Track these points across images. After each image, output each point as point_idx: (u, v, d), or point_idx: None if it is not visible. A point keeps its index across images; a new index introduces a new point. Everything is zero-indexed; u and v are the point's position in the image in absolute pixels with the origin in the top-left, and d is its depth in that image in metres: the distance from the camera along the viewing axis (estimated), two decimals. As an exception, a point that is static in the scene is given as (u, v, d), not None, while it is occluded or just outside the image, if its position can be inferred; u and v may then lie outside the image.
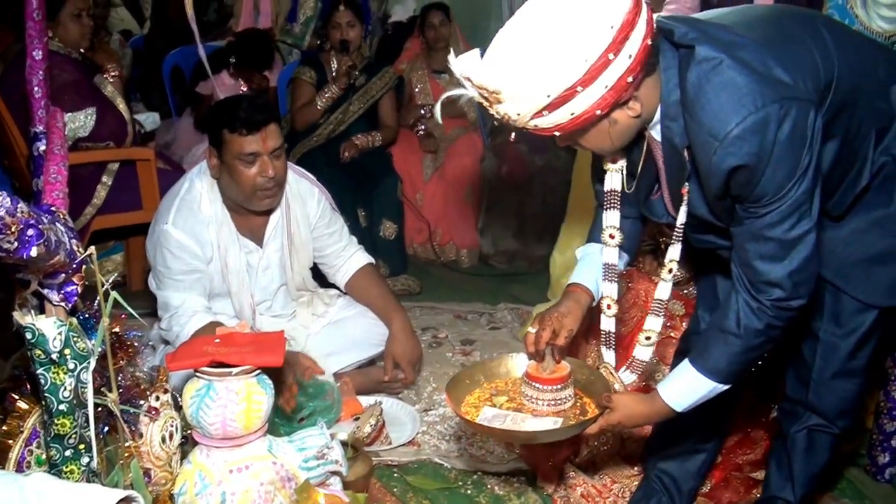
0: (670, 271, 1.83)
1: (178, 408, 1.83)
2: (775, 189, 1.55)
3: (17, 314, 1.56)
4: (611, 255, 1.92)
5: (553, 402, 1.91)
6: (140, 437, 1.80)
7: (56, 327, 1.56)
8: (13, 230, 1.38)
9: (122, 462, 1.75)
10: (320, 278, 3.08)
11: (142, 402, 1.85)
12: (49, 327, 1.55)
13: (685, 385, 1.78)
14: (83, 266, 1.65)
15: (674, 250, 1.80)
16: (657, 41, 1.58)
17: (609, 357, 1.95)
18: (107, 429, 1.82)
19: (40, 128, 2.49)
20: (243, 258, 2.76)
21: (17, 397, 1.75)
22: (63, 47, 3.53)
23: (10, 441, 1.71)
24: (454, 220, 4.58)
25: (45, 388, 1.57)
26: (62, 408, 1.59)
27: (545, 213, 4.47)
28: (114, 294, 1.65)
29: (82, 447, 1.64)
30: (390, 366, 2.90)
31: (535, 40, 1.49)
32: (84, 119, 3.49)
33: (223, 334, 1.82)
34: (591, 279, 1.99)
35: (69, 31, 3.56)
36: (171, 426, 1.85)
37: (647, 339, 1.90)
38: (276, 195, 2.70)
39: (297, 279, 2.94)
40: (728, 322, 1.69)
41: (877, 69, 1.72)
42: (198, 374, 1.70)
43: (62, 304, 1.64)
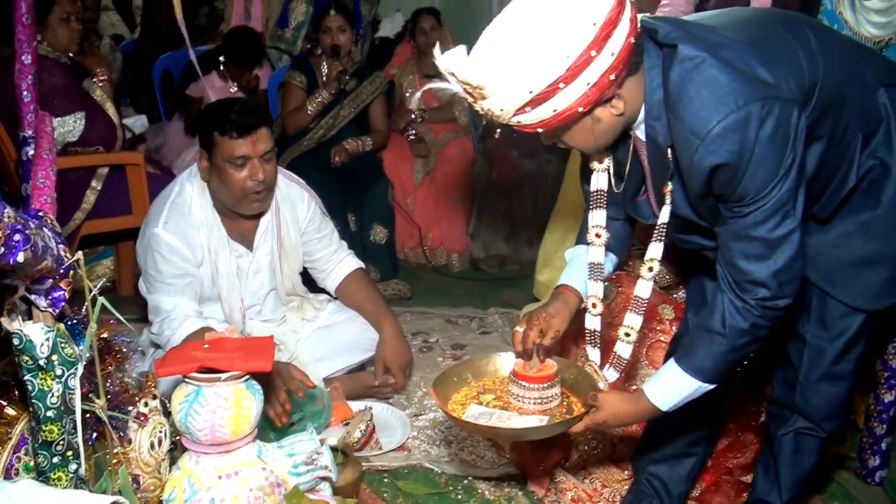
0: (650, 269, 1.83)
1: (166, 413, 1.82)
2: (757, 188, 1.56)
3: (4, 320, 1.55)
4: (597, 255, 1.93)
5: (539, 401, 1.91)
6: (129, 443, 1.79)
7: (44, 333, 1.55)
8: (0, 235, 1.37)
9: (110, 468, 1.75)
10: (310, 283, 3.08)
11: (130, 407, 1.84)
12: (36, 333, 1.55)
13: (670, 384, 1.79)
14: (71, 271, 1.65)
15: (654, 249, 1.81)
16: (641, 40, 1.59)
17: (594, 356, 1.96)
18: (95, 435, 1.82)
19: (29, 132, 2.49)
20: (233, 262, 2.76)
21: (4, 403, 1.75)
22: (52, 51, 3.52)
23: (-2, 447, 1.71)
24: (445, 225, 4.58)
25: (32, 395, 1.57)
26: (50, 414, 1.58)
27: (536, 217, 4.47)
28: (101, 299, 1.64)
29: (70, 454, 1.63)
30: (381, 371, 2.89)
31: (518, 36, 1.50)
32: (73, 124, 3.48)
33: (212, 340, 1.82)
34: (579, 281, 1.99)
35: (57, 36, 3.55)
36: (160, 432, 1.85)
37: (627, 335, 1.90)
38: (266, 199, 2.70)
39: (287, 283, 2.93)
40: (713, 321, 1.70)
41: (864, 72, 1.73)
42: (187, 379, 1.69)
43: (50, 309, 1.64)
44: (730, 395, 2.19)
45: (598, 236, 1.91)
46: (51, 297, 1.64)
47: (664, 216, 1.76)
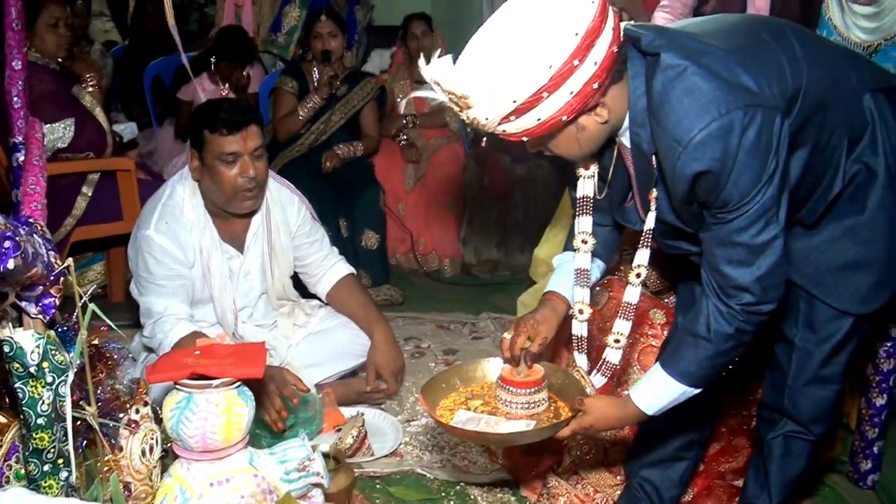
0: (638, 276, 1.84)
1: (158, 420, 1.82)
2: (741, 195, 1.57)
3: (-6, 327, 1.54)
4: (583, 261, 1.93)
5: (527, 406, 1.92)
6: (120, 450, 1.78)
7: (34, 340, 1.55)
8: (-10, 242, 1.37)
9: (101, 476, 1.74)
10: (302, 289, 3.07)
11: (121, 414, 1.83)
12: (27, 340, 1.54)
13: (656, 388, 1.80)
14: (61, 278, 1.64)
15: (641, 255, 1.82)
16: (625, 49, 1.60)
17: (581, 361, 1.97)
18: (86, 442, 1.81)
19: (19, 138, 2.47)
20: (225, 263, 2.76)
21: (-6, 411, 1.74)
22: (41, 58, 3.51)
23: (-12, 455, 1.70)
24: (436, 230, 4.58)
25: (23, 402, 1.56)
26: (40, 422, 1.58)
27: (527, 222, 4.48)
28: (92, 306, 1.63)
29: (61, 461, 1.62)
30: (372, 376, 2.89)
31: (502, 47, 1.52)
32: (63, 130, 3.47)
33: (203, 346, 1.81)
34: (566, 287, 2.00)
35: (45, 42, 3.54)
36: (152, 439, 1.84)
37: (616, 342, 1.91)
38: (258, 197, 2.70)
39: (278, 287, 2.93)
40: (698, 326, 1.71)
41: (849, 77, 1.73)
42: (178, 386, 1.69)
43: (40, 316, 1.63)
44: (720, 398, 2.20)
45: (584, 242, 1.92)
46: (41, 304, 1.63)
47: (650, 222, 1.77)
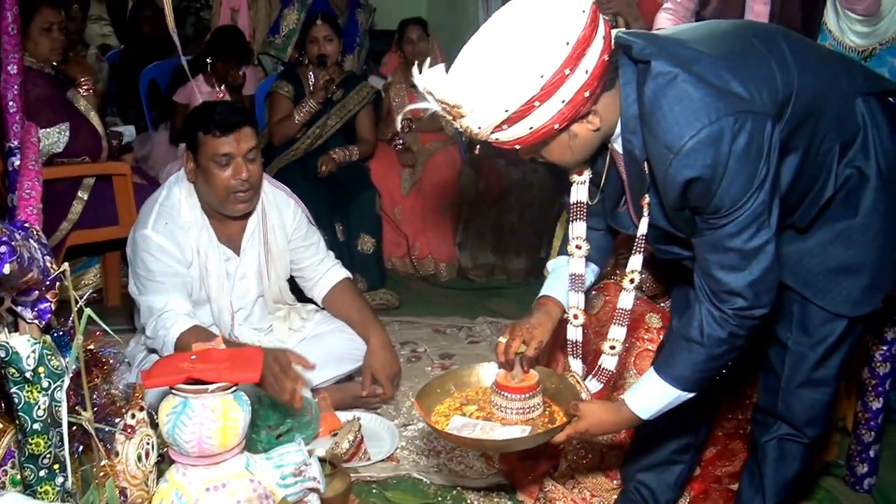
0: (632, 281, 1.85)
1: (154, 425, 1.81)
2: (732, 201, 1.57)
3: (-11, 332, 1.54)
4: (577, 266, 1.95)
5: (522, 411, 1.92)
6: (116, 455, 1.78)
7: (30, 345, 1.54)
8: (-15, 248, 1.37)
9: (97, 481, 1.74)
10: (298, 293, 3.07)
11: (117, 419, 1.83)
12: (23, 345, 1.54)
13: (651, 393, 1.81)
14: (57, 283, 1.64)
15: (635, 260, 1.83)
16: (616, 57, 1.62)
17: (576, 366, 1.97)
18: (82, 448, 1.80)
19: (15, 143, 2.47)
20: (222, 265, 2.76)
21: (-10, 417, 1.74)
22: (35, 62, 3.49)
23: (-16, 461, 1.70)
24: (432, 234, 4.58)
25: (18, 407, 1.56)
26: (36, 427, 1.57)
27: (523, 226, 4.48)
28: (88, 311, 1.63)
29: (57, 467, 1.62)
30: (368, 381, 2.89)
31: (493, 57, 1.54)
32: (57, 135, 3.46)
33: (199, 351, 1.81)
34: (561, 292, 2.01)
35: (39, 46, 3.53)
36: (147, 444, 1.84)
37: (612, 348, 1.92)
38: (251, 199, 2.70)
39: (275, 290, 2.93)
40: (692, 331, 1.71)
41: (840, 82, 1.74)
42: (174, 391, 1.68)
43: (36, 321, 1.63)
44: (716, 402, 2.20)
45: (578, 248, 1.93)
46: (37, 309, 1.63)
47: (643, 228, 1.78)
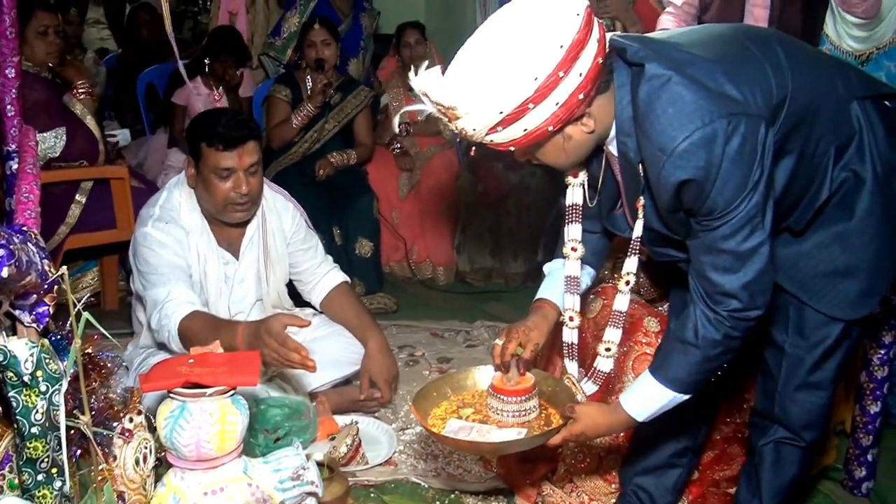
0: (627, 283, 1.86)
1: (152, 429, 1.81)
2: (726, 203, 1.58)
3: (-13, 336, 1.54)
4: (573, 268, 1.95)
5: (518, 414, 1.93)
6: (114, 459, 1.78)
7: (28, 349, 1.54)
8: (-17, 251, 1.37)
9: (95, 486, 1.73)
10: (296, 297, 3.07)
11: (115, 423, 1.82)
12: (21, 349, 1.53)
13: (646, 395, 1.81)
14: (55, 286, 1.64)
15: (630, 263, 1.84)
16: (610, 60, 1.63)
17: (572, 368, 1.97)
18: (80, 452, 1.80)
19: (13, 146, 2.47)
20: (221, 268, 2.76)
21: (-13, 420, 1.73)
22: (31, 66, 3.48)
23: (-18, 465, 1.69)
24: (430, 238, 4.58)
25: (17, 411, 1.55)
26: (34, 431, 1.57)
27: (521, 230, 4.48)
28: (86, 315, 1.63)
29: (55, 471, 1.62)
30: (366, 384, 2.89)
31: (488, 59, 1.55)
32: (54, 140, 3.45)
33: (197, 354, 1.81)
34: (558, 295, 2.02)
35: (35, 49, 3.52)
36: (145, 448, 1.83)
37: (608, 350, 1.93)
38: (249, 210, 2.71)
39: (273, 294, 2.92)
40: (687, 333, 1.72)
41: (836, 85, 1.74)
42: (171, 394, 1.68)
43: (34, 325, 1.63)
44: (714, 405, 2.20)
45: (573, 250, 1.94)
46: (35, 313, 1.63)
47: (638, 230, 1.79)
